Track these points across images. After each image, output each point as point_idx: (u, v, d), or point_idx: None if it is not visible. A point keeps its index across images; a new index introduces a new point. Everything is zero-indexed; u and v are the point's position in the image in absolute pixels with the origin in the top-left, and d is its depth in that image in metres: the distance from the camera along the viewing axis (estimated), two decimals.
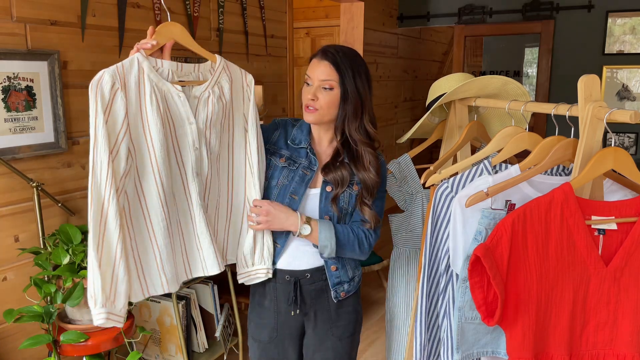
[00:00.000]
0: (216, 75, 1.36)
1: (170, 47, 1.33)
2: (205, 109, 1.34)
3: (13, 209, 1.95)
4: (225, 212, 1.47)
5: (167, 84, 1.27)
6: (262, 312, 1.57)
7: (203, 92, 1.34)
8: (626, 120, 1.09)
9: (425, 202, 1.84)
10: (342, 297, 1.54)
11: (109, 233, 1.19)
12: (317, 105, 1.43)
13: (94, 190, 1.18)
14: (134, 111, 1.23)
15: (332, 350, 1.57)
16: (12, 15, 1.91)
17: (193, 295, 2.48)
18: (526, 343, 1.19)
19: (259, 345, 1.60)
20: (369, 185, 1.47)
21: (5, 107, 1.88)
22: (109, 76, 1.18)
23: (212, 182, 1.41)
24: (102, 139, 1.17)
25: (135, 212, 1.26)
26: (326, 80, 1.41)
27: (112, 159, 1.18)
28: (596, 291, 1.18)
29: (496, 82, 1.63)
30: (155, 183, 1.26)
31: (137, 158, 1.25)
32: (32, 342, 1.71)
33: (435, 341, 1.49)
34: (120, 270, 1.21)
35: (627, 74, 4.28)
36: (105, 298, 1.20)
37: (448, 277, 1.40)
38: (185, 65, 1.33)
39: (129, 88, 1.21)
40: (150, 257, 1.29)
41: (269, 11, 3.37)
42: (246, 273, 1.51)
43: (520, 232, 1.15)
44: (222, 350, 2.55)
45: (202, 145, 1.35)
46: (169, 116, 1.29)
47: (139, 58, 1.24)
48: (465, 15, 4.83)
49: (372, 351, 2.93)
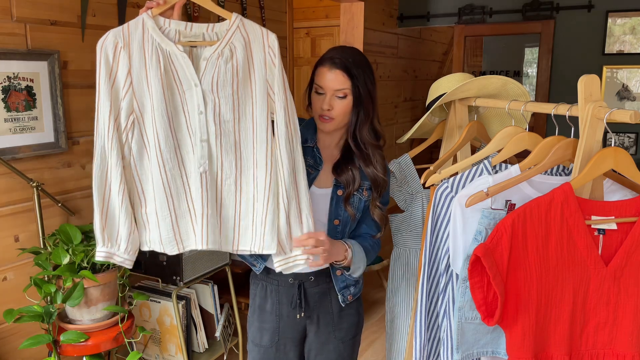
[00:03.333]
0: (228, 36, 1.27)
1: (181, 6, 1.29)
2: (212, 71, 1.27)
3: (13, 209, 1.95)
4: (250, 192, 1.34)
5: (171, 44, 1.25)
6: (264, 316, 1.55)
7: (212, 54, 1.27)
8: (626, 120, 1.09)
9: (425, 202, 1.84)
10: (350, 300, 1.54)
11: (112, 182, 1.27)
12: (332, 114, 1.42)
13: (97, 142, 1.25)
14: (137, 70, 1.25)
15: (334, 353, 1.57)
16: (12, 15, 1.91)
17: (193, 295, 2.48)
18: (526, 343, 1.19)
19: (259, 349, 1.57)
20: (378, 182, 1.48)
21: (5, 107, 1.88)
22: (112, 36, 1.24)
23: (225, 154, 1.31)
24: (104, 95, 1.24)
25: (142, 165, 1.31)
26: (340, 89, 1.41)
27: (115, 113, 1.25)
28: (596, 291, 1.18)
29: (496, 82, 1.63)
30: (155, 143, 1.28)
31: (143, 116, 1.28)
32: (32, 342, 1.71)
33: (435, 341, 1.49)
34: (122, 215, 1.28)
35: (627, 74, 4.28)
36: (107, 239, 1.29)
37: (448, 277, 1.40)
38: (195, 25, 1.27)
39: (132, 47, 1.24)
40: (152, 212, 1.32)
41: (269, 11, 3.37)
42: (284, 260, 1.38)
43: (520, 232, 1.15)
44: (222, 350, 2.55)
45: (209, 110, 1.28)
46: (176, 77, 1.27)
47: (144, 17, 1.26)
48: (465, 15, 4.83)
49: (372, 351, 2.93)
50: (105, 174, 1.27)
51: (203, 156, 1.29)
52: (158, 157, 1.28)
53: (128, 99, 1.25)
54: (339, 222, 1.47)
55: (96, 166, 1.26)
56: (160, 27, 1.26)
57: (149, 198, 1.31)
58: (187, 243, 1.34)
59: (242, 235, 1.36)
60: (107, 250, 1.30)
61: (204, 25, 1.28)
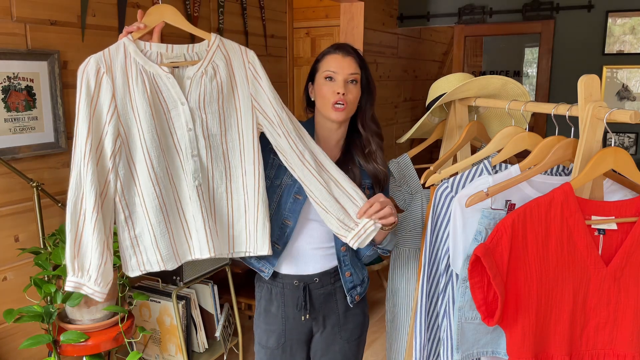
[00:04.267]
0: (209, 55, 1.33)
1: (160, 30, 1.32)
2: (197, 89, 1.32)
3: (13, 209, 1.95)
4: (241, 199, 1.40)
5: (155, 66, 1.27)
6: (269, 319, 1.55)
7: (195, 73, 1.31)
8: (626, 120, 1.09)
9: (425, 202, 1.84)
10: (357, 300, 1.55)
11: (85, 209, 1.24)
12: (346, 99, 1.44)
13: (73, 167, 1.24)
14: (121, 94, 1.26)
15: (340, 354, 1.57)
16: (12, 15, 1.91)
17: (193, 295, 2.48)
18: (526, 343, 1.19)
19: (266, 351, 1.57)
20: (380, 177, 1.51)
21: (5, 107, 1.88)
22: (94, 61, 1.24)
23: (215, 165, 1.36)
24: (83, 121, 1.23)
25: (129, 190, 1.29)
26: (354, 73, 1.45)
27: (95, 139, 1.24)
28: (596, 291, 1.18)
29: (496, 82, 1.63)
30: (146, 163, 1.28)
31: (128, 139, 1.28)
32: (32, 342, 1.71)
33: (435, 341, 1.49)
34: (93, 244, 1.24)
35: (627, 74, 4.28)
36: (76, 268, 1.25)
37: (448, 277, 1.40)
38: (176, 47, 1.31)
39: (115, 72, 1.25)
40: (145, 233, 1.31)
41: (269, 11, 3.37)
42: (356, 235, 1.38)
43: (520, 232, 1.15)
44: (222, 350, 2.55)
45: (197, 126, 1.32)
46: (161, 98, 1.29)
47: (125, 42, 1.27)
48: (465, 15, 4.83)
49: (372, 351, 2.93)
50: (80, 201, 1.24)
51: (196, 170, 1.33)
52: (151, 177, 1.28)
53: (114, 123, 1.25)
54: None
55: (71, 192, 1.23)
56: (141, 50, 1.28)
57: (137, 221, 1.31)
58: (184, 256, 1.38)
59: (236, 239, 1.41)
60: (76, 280, 1.26)
61: (184, 46, 1.33)
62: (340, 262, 1.50)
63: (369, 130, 1.50)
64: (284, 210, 1.45)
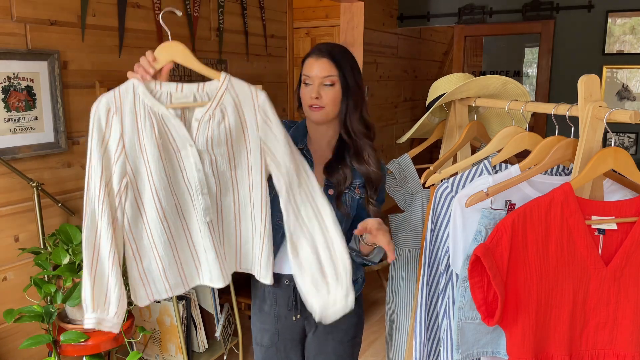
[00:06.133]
0: (218, 96, 1.30)
1: (169, 70, 1.31)
2: (205, 132, 1.31)
3: (13, 209, 1.95)
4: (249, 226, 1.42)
5: (162, 108, 1.27)
6: (263, 317, 1.57)
7: (203, 116, 1.30)
8: (626, 120, 1.09)
9: (425, 202, 1.84)
10: None
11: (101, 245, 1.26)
12: (322, 102, 1.43)
13: (88, 205, 1.25)
14: (129, 134, 1.27)
15: (333, 354, 1.57)
16: (12, 15, 1.91)
17: (193, 295, 2.48)
18: (526, 343, 1.19)
19: (261, 349, 1.60)
20: (372, 178, 1.49)
21: (5, 107, 1.88)
22: (105, 101, 1.25)
23: (224, 197, 1.37)
24: (96, 159, 1.24)
25: (136, 225, 1.31)
26: (328, 76, 1.42)
27: (107, 178, 1.26)
28: (596, 291, 1.18)
29: (496, 82, 1.63)
30: (153, 200, 1.30)
31: (136, 178, 1.30)
32: (32, 342, 1.71)
33: (435, 341, 1.49)
34: (111, 280, 1.27)
35: (627, 74, 4.28)
36: (96, 305, 1.27)
37: (448, 277, 1.40)
38: (186, 86, 1.29)
39: (124, 112, 1.26)
40: (152, 266, 1.34)
41: (269, 11, 3.37)
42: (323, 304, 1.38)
43: (520, 232, 1.15)
44: (222, 350, 2.56)
45: (206, 166, 1.33)
46: (170, 138, 1.30)
47: (134, 83, 1.26)
48: (465, 15, 4.83)
49: (372, 351, 2.93)
50: (95, 237, 1.25)
51: (207, 207, 1.34)
52: (159, 214, 1.30)
53: (120, 163, 1.26)
54: None
55: (86, 230, 1.25)
56: (151, 90, 1.27)
57: (145, 254, 1.33)
58: (192, 282, 1.41)
59: (243, 257, 1.44)
60: (97, 316, 1.27)
61: (194, 85, 1.30)
62: None
63: (354, 132, 1.47)
64: (276, 212, 1.45)
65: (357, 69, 1.47)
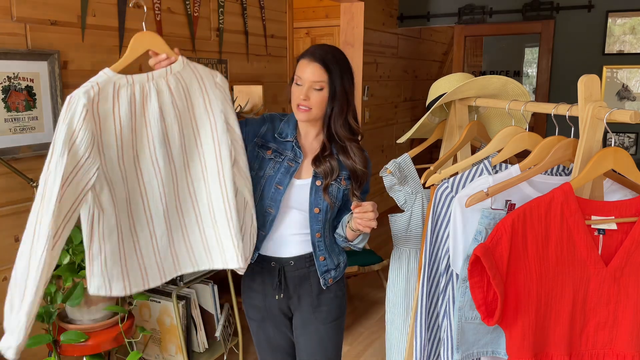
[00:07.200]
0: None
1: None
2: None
3: (13, 208, 1.95)
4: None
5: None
6: (252, 294, 1.67)
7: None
8: (626, 120, 1.09)
9: (426, 202, 1.84)
10: (330, 284, 1.62)
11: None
12: (309, 104, 1.50)
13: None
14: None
15: (315, 334, 1.64)
16: (12, 15, 1.91)
17: (193, 295, 2.48)
18: (526, 343, 1.19)
19: (253, 322, 1.71)
20: (357, 174, 1.55)
21: (5, 107, 1.88)
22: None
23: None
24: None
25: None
26: (317, 81, 1.48)
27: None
28: (596, 291, 1.18)
29: (496, 82, 1.63)
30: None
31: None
32: (32, 342, 1.71)
33: (435, 341, 1.49)
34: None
35: (627, 74, 4.28)
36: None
37: (448, 277, 1.40)
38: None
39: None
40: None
41: (269, 11, 3.37)
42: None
43: (520, 232, 1.15)
44: (222, 350, 2.56)
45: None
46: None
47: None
48: (465, 15, 4.84)
49: (372, 351, 2.93)
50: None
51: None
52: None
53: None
54: (319, 210, 1.55)
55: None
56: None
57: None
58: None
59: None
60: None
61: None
62: (314, 247, 1.58)
63: (338, 135, 1.54)
64: (266, 200, 1.54)
65: (348, 75, 1.52)
